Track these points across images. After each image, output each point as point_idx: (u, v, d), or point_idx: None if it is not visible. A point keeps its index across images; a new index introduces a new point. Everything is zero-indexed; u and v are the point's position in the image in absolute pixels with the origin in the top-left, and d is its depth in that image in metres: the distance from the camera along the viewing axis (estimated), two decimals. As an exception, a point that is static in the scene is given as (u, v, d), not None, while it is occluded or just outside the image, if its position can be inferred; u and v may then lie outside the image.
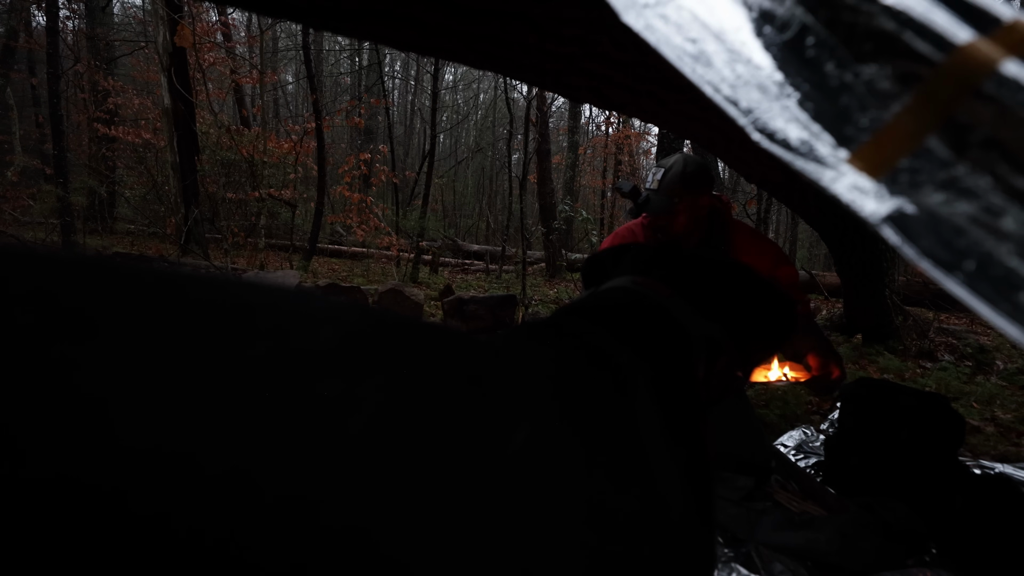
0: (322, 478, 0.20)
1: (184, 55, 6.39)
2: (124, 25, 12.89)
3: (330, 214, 8.52)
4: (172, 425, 0.18)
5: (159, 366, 0.19)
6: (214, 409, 0.19)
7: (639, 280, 0.57)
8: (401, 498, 0.21)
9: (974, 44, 0.29)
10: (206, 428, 0.18)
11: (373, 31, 1.49)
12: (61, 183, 6.07)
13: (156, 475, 0.17)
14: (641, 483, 0.36)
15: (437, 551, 0.22)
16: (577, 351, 0.42)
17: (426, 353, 0.28)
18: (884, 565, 1.10)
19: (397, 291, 3.11)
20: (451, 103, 19.08)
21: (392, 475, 0.21)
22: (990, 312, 0.26)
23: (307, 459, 0.20)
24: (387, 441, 0.22)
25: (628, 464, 0.35)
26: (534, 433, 0.29)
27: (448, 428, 0.25)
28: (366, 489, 0.21)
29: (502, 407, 0.29)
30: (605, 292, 0.57)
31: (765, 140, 0.32)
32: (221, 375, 0.20)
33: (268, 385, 0.20)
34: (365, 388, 0.23)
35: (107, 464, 0.16)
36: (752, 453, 1.50)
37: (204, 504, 0.17)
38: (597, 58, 1.44)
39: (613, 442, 0.36)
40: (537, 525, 0.26)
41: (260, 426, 0.19)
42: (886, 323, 3.43)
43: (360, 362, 0.24)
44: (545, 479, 0.28)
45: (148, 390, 0.18)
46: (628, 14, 0.36)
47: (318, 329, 0.24)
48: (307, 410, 0.21)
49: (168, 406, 0.18)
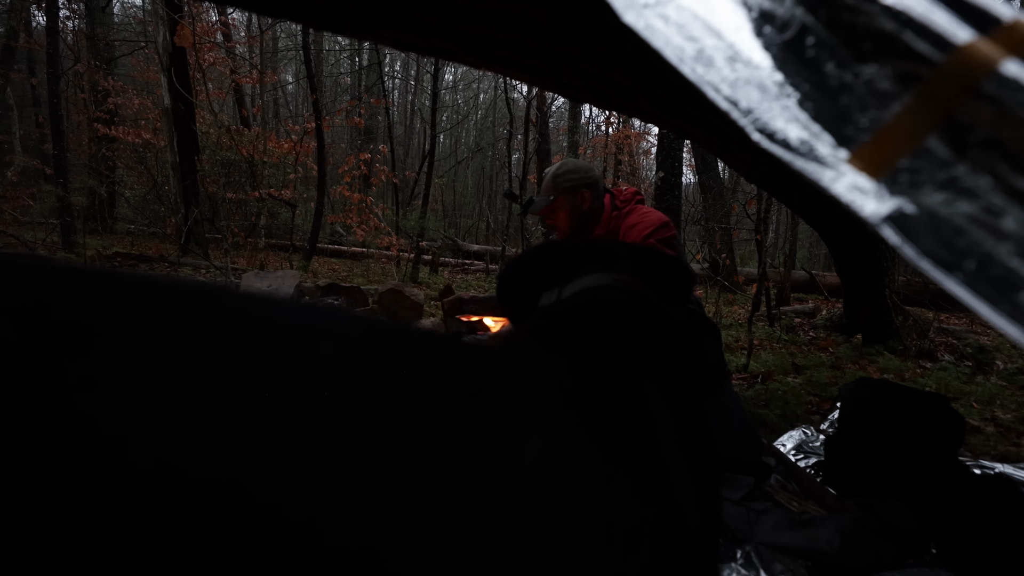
0: (321, 497, 0.19)
1: (184, 55, 6.39)
2: (124, 25, 12.89)
3: (330, 214, 8.52)
4: (163, 441, 0.17)
5: (152, 382, 0.18)
6: (206, 426, 0.18)
7: (617, 277, 0.57)
8: (407, 517, 0.20)
9: (974, 44, 0.29)
10: (197, 445, 0.18)
11: (373, 31, 1.49)
12: (61, 183, 6.07)
13: (149, 492, 0.16)
14: (661, 493, 0.35)
15: (447, 571, 0.21)
16: (588, 358, 0.41)
17: (429, 366, 0.28)
18: (884, 565, 1.10)
19: (397, 291, 3.11)
20: (451, 103, 19.07)
21: (396, 493, 0.21)
22: (990, 312, 0.26)
23: (305, 478, 0.19)
24: (389, 459, 0.21)
25: (648, 475, 0.34)
26: (546, 446, 0.28)
27: (453, 443, 0.24)
28: (368, 508, 0.20)
29: (510, 419, 0.28)
30: (594, 292, 0.56)
31: (765, 140, 0.32)
32: (214, 392, 0.19)
33: (262, 402, 0.20)
34: (365, 404, 0.22)
35: (99, 481, 0.16)
36: (747, 453, 1.51)
37: (199, 521, 0.17)
38: (597, 58, 1.44)
39: (631, 452, 0.34)
40: (552, 541, 0.25)
41: (254, 445, 0.19)
42: (886, 323, 3.43)
43: (360, 378, 0.24)
44: (559, 493, 0.27)
45: (139, 407, 0.18)
46: (628, 14, 0.36)
47: (316, 343, 0.24)
48: (304, 428, 0.20)
49: (159, 423, 0.18)
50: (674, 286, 0.64)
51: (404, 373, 0.25)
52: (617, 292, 0.55)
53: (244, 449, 0.18)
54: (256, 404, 0.20)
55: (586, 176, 1.80)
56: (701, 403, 0.48)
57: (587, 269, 0.60)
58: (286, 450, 0.19)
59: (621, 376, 0.40)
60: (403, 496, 0.21)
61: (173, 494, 0.17)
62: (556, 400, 0.33)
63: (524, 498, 0.25)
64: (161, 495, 0.17)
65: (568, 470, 0.28)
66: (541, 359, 0.40)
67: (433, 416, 0.24)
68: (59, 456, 0.16)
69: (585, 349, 0.42)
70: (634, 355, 0.43)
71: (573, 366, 0.39)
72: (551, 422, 0.30)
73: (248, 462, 0.18)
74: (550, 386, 0.34)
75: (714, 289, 5.42)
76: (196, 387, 0.19)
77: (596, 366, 0.40)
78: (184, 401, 0.19)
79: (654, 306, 0.53)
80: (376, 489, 0.20)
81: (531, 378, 0.34)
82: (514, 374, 0.34)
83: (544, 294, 0.62)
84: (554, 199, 1.78)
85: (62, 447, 0.16)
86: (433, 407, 0.25)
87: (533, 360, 0.39)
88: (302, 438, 0.20)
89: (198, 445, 0.18)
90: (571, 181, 1.78)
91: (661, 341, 0.49)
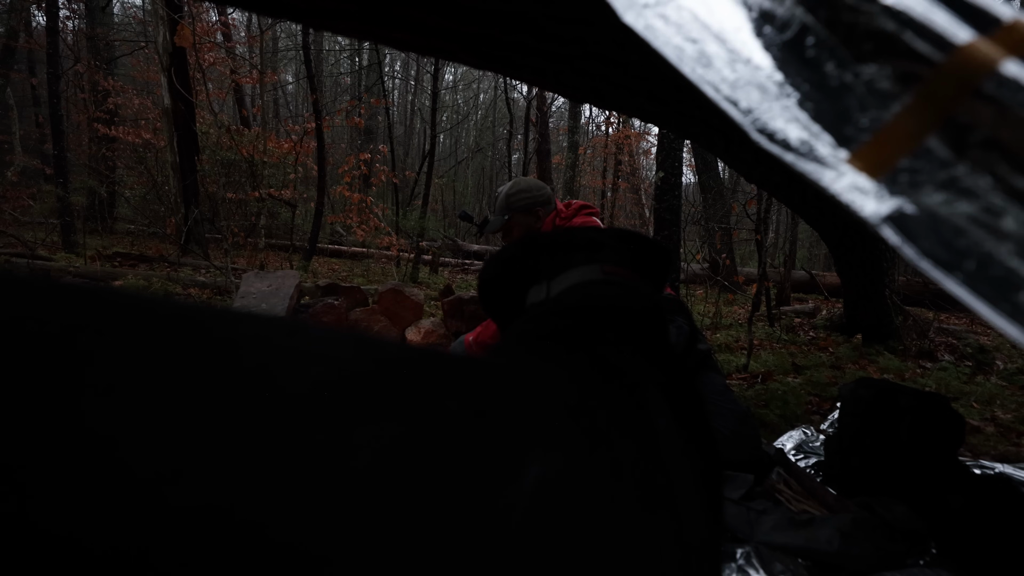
0: (316, 533, 0.18)
1: (184, 55, 6.39)
2: (124, 25, 12.89)
3: (330, 214, 8.52)
4: (142, 471, 0.17)
5: (131, 409, 0.18)
6: (187, 456, 0.18)
7: (607, 269, 0.56)
8: (410, 548, 0.20)
9: (974, 44, 0.29)
10: (177, 472, 0.17)
11: (373, 32, 1.49)
12: (61, 183, 6.07)
13: (131, 525, 0.16)
14: (665, 507, 0.34)
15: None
16: (589, 367, 0.40)
17: (426, 390, 0.26)
18: (884, 565, 1.10)
19: (397, 291, 3.11)
20: (451, 103, 19.07)
21: (398, 525, 0.20)
22: (990, 312, 0.26)
23: (294, 510, 0.18)
24: (388, 489, 0.20)
25: (652, 488, 0.33)
26: (550, 467, 0.27)
27: (455, 470, 0.23)
28: (372, 542, 0.19)
29: (513, 441, 0.27)
30: (586, 288, 0.54)
31: (765, 140, 0.32)
32: (196, 420, 0.18)
33: (247, 432, 0.19)
34: (358, 435, 0.21)
35: (82, 510, 0.16)
36: (742, 449, 1.51)
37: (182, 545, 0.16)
38: (597, 58, 1.44)
39: (636, 466, 0.33)
40: (557, 564, 0.24)
41: (240, 476, 0.18)
42: (886, 323, 3.43)
43: (352, 405, 0.22)
44: (564, 515, 0.26)
45: (117, 432, 0.17)
46: (628, 14, 0.36)
47: (308, 368, 0.22)
48: (291, 460, 0.19)
49: (136, 452, 0.17)
50: (654, 269, 0.62)
51: (399, 401, 0.24)
52: (610, 287, 0.54)
53: (229, 479, 0.18)
54: (244, 435, 0.19)
55: (539, 194, 1.87)
56: (701, 404, 0.47)
57: (573, 261, 0.58)
58: (274, 481, 0.18)
59: (624, 384, 0.39)
60: (406, 527, 0.20)
61: (154, 524, 0.16)
62: (560, 418, 0.32)
63: (528, 522, 0.24)
64: (142, 528, 0.16)
65: (573, 490, 0.27)
66: (542, 374, 0.38)
67: (429, 444, 0.23)
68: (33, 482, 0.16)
69: (585, 356, 0.41)
70: (634, 358, 0.42)
71: (575, 378, 0.38)
72: (555, 442, 0.29)
73: (235, 492, 0.18)
74: (553, 404, 0.33)
75: (714, 289, 5.42)
76: (175, 415, 0.18)
77: (598, 375, 0.39)
78: (163, 430, 0.18)
79: (649, 300, 0.52)
80: (378, 521, 0.20)
81: (533, 396, 0.33)
82: (515, 393, 0.32)
83: (531, 290, 0.59)
84: (508, 218, 1.85)
85: (45, 470, 0.16)
86: (429, 435, 0.24)
87: (534, 376, 0.37)
88: (291, 471, 0.19)
89: (179, 474, 0.17)
90: (524, 200, 1.85)
91: (659, 339, 0.48)
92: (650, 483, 0.33)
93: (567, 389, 0.35)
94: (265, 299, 2.86)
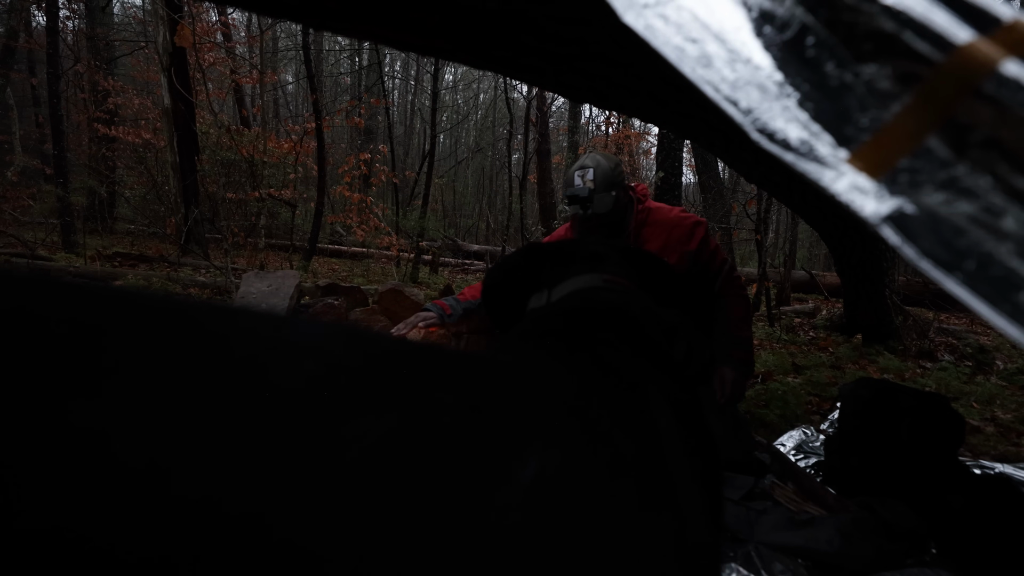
0: (303, 524, 0.18)
1: (184, 55, 6.38)
2: (124, 25, 12.88)
3: (330, 214, 8.51)
4: (138, 463, 0.17)
5: (126, 404, 0.18)
6: (181, 449, 0.18)
7: (608, 278, 0.56)
8: (408, 542, 0.19)
9: (974, 44, 0.29)
10: (170, 465, 0.17)
11: (373, 31, 1.49)
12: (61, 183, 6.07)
13: (129, 518, 0.16)
14: (666, 505, 0.33)
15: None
16: (590, 365, 0.40)
17: (420, 383, 0.26)
18: (884, 565, 1.10)
19: (397, 291, 3.11)
20: (451, 103, 19.07)
21: (396, 517, 0.20)
22: (990, 312, 0.26)
23: (285, 502, 0.18)
24: (377, 482, 0.20)
25: (653, 487, 0.33)
26: (550, 462, 0.27)
27: (449, 463, 0.23)
28: (369, 536, 0.19)
29: (510, 435, 0.27)
30: (587, 293, 0.55)
31: (765, 140, 0.32)
32: (187, 413, 0.18)
33: (239, 425, 0.19)
34: (350, 428, 0.21)
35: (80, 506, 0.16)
36: (736, 452, 1.51)
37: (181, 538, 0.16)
38: (597, 58, 1.44)
39: (636, 464, 0.33)
40: (557, 559, 0.24)
41: (234, 471, 0.18)
42: (886, 323, 3.42)
43: (343, 399, 0.22)
44: (564, 511, 0.26)
45: (111, 430, 0.17)
46: (628, 14, 0.36)
47: (300, 362, 0.22)
48: (282, 453, 0.19)
49: (131, 448, 0.17)
50: (661, 287, 0.63)
51: (392, 394, 0.24)
52: (611, 293, 0.55)
53: (222, 472, 0.18)
54: (236, 428, 0.19)
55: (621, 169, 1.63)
56: (700, 404, 0.47)
57: (575, 270, 0.59)
58: (266, 474, 0.18)
59: (624, 383, 0.39)
60: (403, 520, 0.20)
61: (148, 516, 0.16)
62: (559, 414, 0.31)
63: (525, 517, 0.24)
64: (139, 521, 0.16)
65: (572, 487, 0.27)
66: (542, 370, 0.38)
67: (424, 438, 0.23)
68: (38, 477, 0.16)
69: (586, 355, 0.41)
70: (634, 359, 0.42)
71: (575, 376, 0.38)
72: (555, 437, 0.29)
73: (228, 484, 0.18)
74: (552, 400, 0.32)
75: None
76: (165, 410, 0.18)
77: (599, 373, 0.39)
78: (157, 423, 0.18)
79: (648, 306, 0.52)
80: (374, 514, 0.19)
81: (532, 392, 0.32)
82: (513, 388, 0.32)
83: (532, 297, 0.61)
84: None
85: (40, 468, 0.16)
86: (424, 428, 0.23)
87: (533, 371, 0.37)
88: (282, 464, 0.19)
89: (172, 468, 0.17)
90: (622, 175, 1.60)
91: (658, 342, 0.48)
92: (651, 483, 0.33)
93: (567, 386, 0.35)
94: (265, 299, 2.86)
